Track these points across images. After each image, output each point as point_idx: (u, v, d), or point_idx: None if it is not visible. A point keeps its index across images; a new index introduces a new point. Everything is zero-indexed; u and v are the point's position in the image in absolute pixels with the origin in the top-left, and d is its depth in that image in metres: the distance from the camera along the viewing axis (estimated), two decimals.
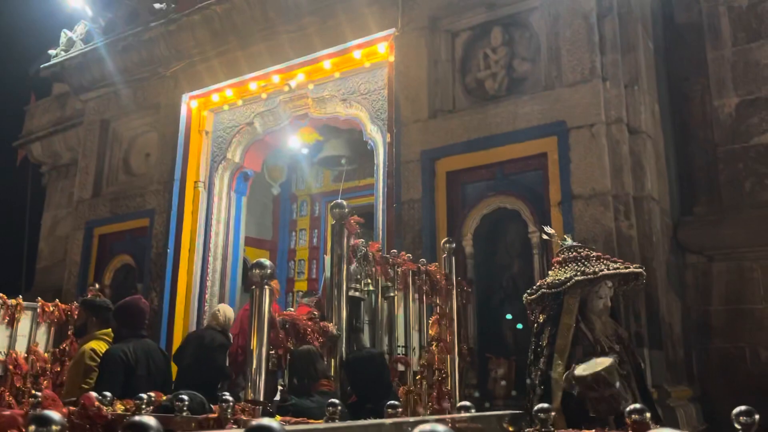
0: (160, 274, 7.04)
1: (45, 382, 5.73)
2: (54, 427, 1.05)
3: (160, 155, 7.56)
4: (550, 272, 3.74)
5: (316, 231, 8.78)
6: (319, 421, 2.15)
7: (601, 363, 3.22)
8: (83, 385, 3.67)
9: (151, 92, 7.82)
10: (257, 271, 3.17)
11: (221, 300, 7.23)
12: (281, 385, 3.27)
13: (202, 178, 7.41)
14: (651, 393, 3.43)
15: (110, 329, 4.08)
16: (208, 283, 7.20)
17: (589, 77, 5.05)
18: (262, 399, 3.05)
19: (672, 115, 5.89)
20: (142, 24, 7.63)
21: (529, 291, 3.72)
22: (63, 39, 8.48)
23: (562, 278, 3.54)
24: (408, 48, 5.99)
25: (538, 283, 3.71)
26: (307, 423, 2.10)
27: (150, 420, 1.05)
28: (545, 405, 1.67)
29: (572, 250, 3.69)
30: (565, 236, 3.87)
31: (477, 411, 4.83)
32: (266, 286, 3.17)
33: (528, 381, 3.51)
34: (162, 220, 7.23)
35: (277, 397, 3.51)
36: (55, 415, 1.09)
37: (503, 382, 4.98)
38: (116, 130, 8.23)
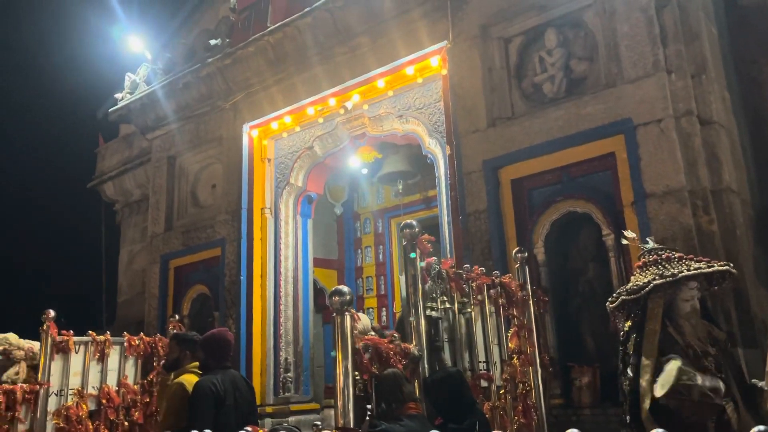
0: (235, 302, 7.22)
1: (136, 413, 5.95)
2: None
3: (226, 186, 7.78)
4: (632, 278, 3.62)
5: (381, 247, 8.82)
6: None
7: (669, 372, 3.12)
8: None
9: (213, 126, 8.07)
10: (336, 298, 3.20)
11: (296, 323, 7.36)
12: (369, 411, 3.29)
13: (268, 204, 7.59)
14: (757, 398, 3.25)
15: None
16: (282, 307, 7.34)
17: (652, 71, 4.89)
18: (352, 426, 3.07)
19: (743, 102, 5.62)
20: (199, 61, 7.90)
21: (610, 299, 3.61)
22: (127, 82, 8.87)
23: (641, 283, 3.42)
24: (461, 59, 5.97)
25: (618, 290, 3.60)
26: None
27: None
28: (659, 431, 1.59)
29: (653, 252, 3.55)
30: (647, 239, 3.74)
31: (564, 421, 4.70)
32: (347, 312, 3.20)
33: (620, 390, 3.40)
34: (233, 249, 7.42)
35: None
36: None
37: (588, 391, 4.87)
38: (182, 165, 8.52)
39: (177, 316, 7.11)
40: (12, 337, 6.30)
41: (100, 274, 12.22)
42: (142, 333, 6.53)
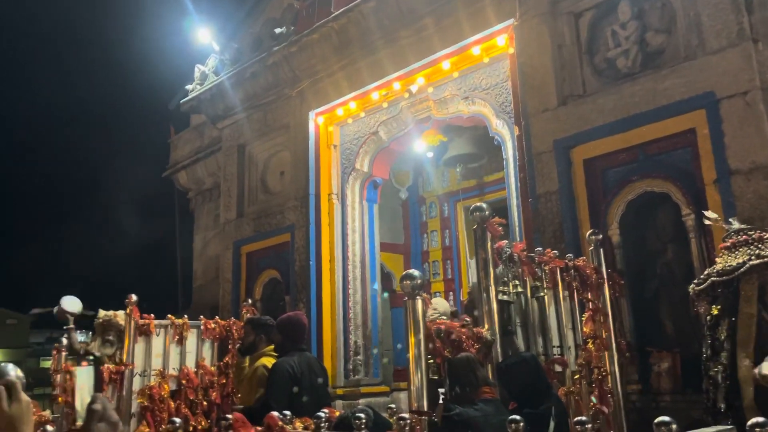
0: (305, 286, 7.35)
1: (214, 394, 6.16)
2: None
3: (294, 172, 7.89)
4: (717, 259, 3.44)
5: (447, 231, 8.74)
6: None
7: None
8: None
9: (280, 113, 8.18)
10: (407, 282, 3.19)
11: (364, 307, 7.42)
12: (443, 394, 3.28)
13: (334, 190, 7.65)
14: None
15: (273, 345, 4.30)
16: (350, 291, 7.42)
17: (737, 41, 4.60)
18: (425, 409, 3.07)
19: None
20: (265, 50, 8.01)
21: (696, 281, 3.44)
22: (197, 74, 9.11)
23: (734, 264, 3.24)
24: (529, 36, 5.80)
25: (706, 272, 3.42)
26: None
27: None
28: (760, 419, 1.50)
29: (741, 233, 3.36)
30: (730, 220, 3.53)
31: (643, 408, 4.54)
32: (418, 297, 3.18)
33: (706, 377, 3.24)
34: (302, 234, 7.54)
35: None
36: None
37: (668, 377, 4.69)
38: (251, 153, 8.70)
39: (250, 301, 7.29)
40: None
41: (175, 260, 12.72)
42: (217, 317, 6.74)
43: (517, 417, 1.94)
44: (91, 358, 4.09)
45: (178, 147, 11.93)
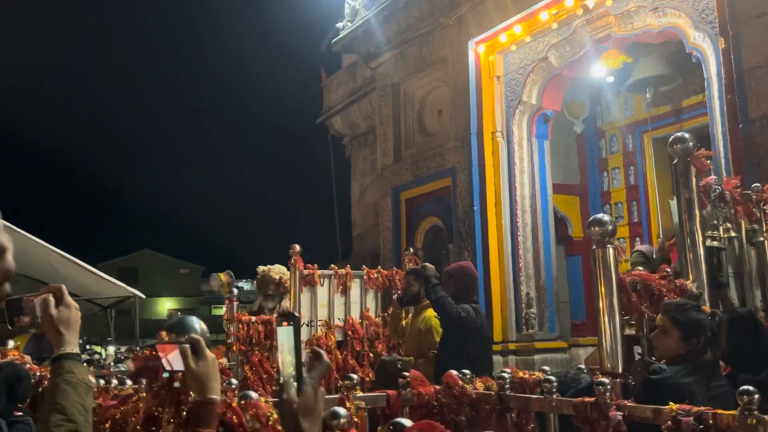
0: (469, 233, 7.30)
1: (380, 345, 6.41)
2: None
3: (453, 110, 7.76)
4: None
5: (632, 168, 8.13)
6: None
7: None
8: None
9: (436, 45, 8.03)
10: (596, 228, 3.02)
11: (536, 255, 7.24)
12: (639, 354, 3.09)
13: (499, 127, 7.42)
14: None
15: None
16: (520, 238, 7.25)
17: None
18: (620, 370, 2.91)
19: None
20: None
21: None
22: (347, 10, 9.19)
23: None
24: None
25: None
26: None
27: None
28: None
29: None
30: None
31: None
32: (609, 245, 3.00)
33: None
34: (464, 178, 7.45)
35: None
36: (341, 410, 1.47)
37: None
38: (407, 92, 8.68)
39: (411, 249, 7.43)
40: (284, 268, 7.07)
41: (333, 208, 13.28)
42: (379, 266, 6.94)
43: (750, 388, 1.73)
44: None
45: (331, 91, 12.25)
